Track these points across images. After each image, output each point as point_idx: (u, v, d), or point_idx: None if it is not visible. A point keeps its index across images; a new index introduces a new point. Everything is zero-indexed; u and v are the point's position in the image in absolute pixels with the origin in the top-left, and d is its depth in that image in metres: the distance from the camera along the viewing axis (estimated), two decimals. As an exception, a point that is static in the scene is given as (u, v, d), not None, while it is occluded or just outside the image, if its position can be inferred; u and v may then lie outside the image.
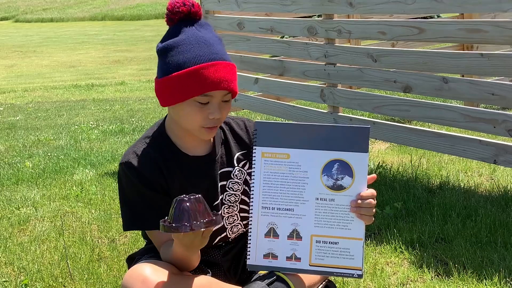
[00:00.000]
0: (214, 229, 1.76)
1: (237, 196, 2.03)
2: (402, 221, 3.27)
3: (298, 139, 1.85)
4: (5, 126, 7.41)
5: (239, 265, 2.13)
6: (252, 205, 1.88)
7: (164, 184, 1.89)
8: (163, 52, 1.85)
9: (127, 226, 1.97)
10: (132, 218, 1.93)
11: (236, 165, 2.03)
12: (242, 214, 2.08)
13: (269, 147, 1.87)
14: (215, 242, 2.06)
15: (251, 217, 1.87)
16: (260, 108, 5.07)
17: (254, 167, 1.88)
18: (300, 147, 1.84)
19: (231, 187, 2.02)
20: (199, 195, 1.69)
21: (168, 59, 1.82)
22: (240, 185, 2.03)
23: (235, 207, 2.04)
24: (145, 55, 18.51)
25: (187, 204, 1.64)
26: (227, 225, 2.05)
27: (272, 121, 1.96)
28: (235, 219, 2.07)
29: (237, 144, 2.05)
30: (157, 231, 1.84)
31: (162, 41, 1.87)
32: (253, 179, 1.88)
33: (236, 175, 2.02)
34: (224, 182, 2.01)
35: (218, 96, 1.84)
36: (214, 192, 1.99)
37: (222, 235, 2.06)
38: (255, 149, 1.88)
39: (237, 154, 2.03)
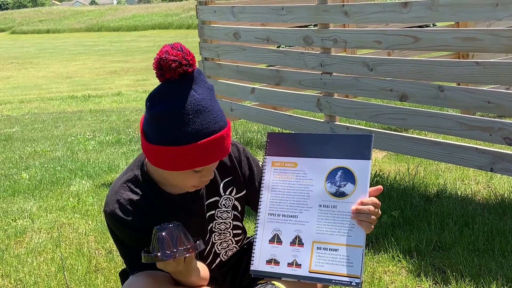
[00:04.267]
0: (194, 254, 1.75)
1: (227, 224, 2.02)
2: (400, 229, 3.27)
3: (305, 148, 1.89)
4: (1, 138, 7.40)
5: (237, 275, 2.12)
6: (259, 212, 1.90)
7: (153, 226, 1.77)
8: (158, 118, 1.70)
9: (133, 269, 1.89)
10: (136, 260, 1.84)
11: (222, 193, 2.00)
12: (236, 238, 2.08)
13: (278, 156, 1.92)
14: (213, 267, 2.06)
15: (258, 223, 1.89)
16: (256, 117, 5.07)
17: (264, 176, 1.92)
18: (307, 155, 1.88)
19: (219, 216, 2.00)
20: (178, 223, 1.71)
21: (164, 128, 1.69)
22: (229, 212, 2.02)
23: (227, 233, 2.04)
24: (142, 66, 18.53)
25: (164, 233, 1.67)
26: (219, 250, 2.05)
27: (283, 132, 1.98)
28: (230, 243, 2.07)
29: (222, 171, 1.99)
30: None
31: (154, 101, 1.72)
32: (263, 187, 1.92)
33: (223, 204, 2.00)
34: (212, 212, 1.99)
35: (215, 163, 1.80)
36: (204, 225, 1.98)
37: (217, 261, 2.06)
38: (265, 158, 1.93)
39: (222, 183, 2.00)
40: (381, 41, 3.73)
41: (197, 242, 1.72)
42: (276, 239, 1.87)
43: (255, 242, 1.89)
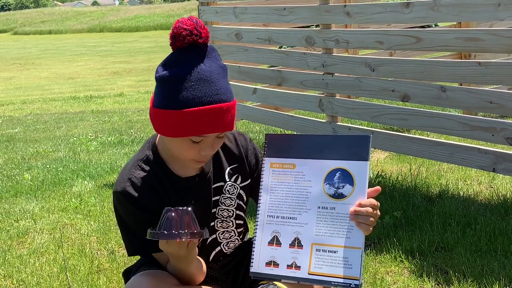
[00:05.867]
0: (198, 241, 1.76)
1: (230, 211, 2.03)
2: (402, 230, 3.26)
3: (304, 150, 1.89)
4: (3, 139, 7.41)
5: (239, 276, 2.12)
6: (258, 214, 1.90)
7: (162, 207, 1.80)
8: (162, 82, 1.75)
9: (132, 252, 1.93)
10: (136, 244, 1.90)
11: (227, 179, 2.01)
12: (239, 230, 2.08)
13: (277, 158, 1.91)
14: (212, 257, 2.05)
15: (257, 225, 1.88)
16: (258, 118, 5.08)
17: (262, 177, 1.91)
18: (305, 157, 1.88)
19: (223, 202, 2.01)
20: (189, 208, 1.71)
21: (166, 92, 1.74)
22: (233, 200, 2.02)
23: (229, 222, 2.04)
24: (144, 66, 18.56)
25: (173, 214, 1.68)
26: (221, 239, 2.05)
27: (281, 133, 1.97)
28: (232, 235, 2.07)
29: (228, 158, 2.02)
30: (163, 252, 1.85)
31: (163, 66, 1.77)
32: (261, 188, 1.91)
33: (228, 190, 2.01)
34: (217, 197, 2.00)
35: (211, 136, 1.81)
36: (208, 210, 1.99)
37: (217, 250, 2.06)
38: (264, 160, 1.92)
39: (228, 169, 2.01)
40: (383, 42, 3.73)
41: (204, 229, 1.73)
42: (275, 241, 1.86)
43: (255, 244, 1.88)
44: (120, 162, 5.44)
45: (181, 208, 1.70)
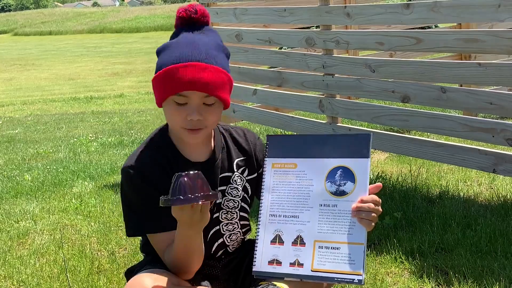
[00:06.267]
0: (211, 204, 1.77)
1: (235, 202, 2.04)
2: (402, 231, 3.26)
3: (305, 149, 1.91)
4: (4, 140, 7.41)
5: (240, 276, 2.12)
6: (260, 214, 1.91)
7: (168, 187, 1.78)
8: (157, 53, 1.88)
9: (131, 231, 1.96)
10: (137, 222, 1.92)
11: (235, 170, 2.04)
12: (242, 222, 2.08)
13: (278, 158, 1.93)
14: (214, 249, 2.05)
15: (259, 225, 1.89)
16: (259, 119, 5.08)
17: (264, 178, 1.93)
18: (306, 156, 1.90)
19: (230, 192, 2.03)
20: (199, 172, 1.70)
21: (158, 60, 1.86)
22: (239, 191, 2.04)
23: (234, 213, 2.05)
24: (144, 67, 18.55)
25: (186, 178, 1.66)
26: (224, 231, 2.05)
27: (282, 134, 1.99)
28: (235, 227, 2.07)
29: (237, 150, 2.06)
30: (159, 235, 1.87)
31: None
32: (263, 189, 1.93)
33: (235, 180, 2.03)
34: (224, 187, 2.01)
35: (195, 97, 1.83)
36: None
37: (219, 241, 2.06)
38: (266, 160, 1.94)
39: (236, 160, 2.04)
40: (383, 43, 3.73)
41: (215, 192, 1.70)
42: (277, 239, 1.88)
43: (257, 243, 1.89)
44: (120, 163, 5.44)
45: (192, 172, 1.68)
